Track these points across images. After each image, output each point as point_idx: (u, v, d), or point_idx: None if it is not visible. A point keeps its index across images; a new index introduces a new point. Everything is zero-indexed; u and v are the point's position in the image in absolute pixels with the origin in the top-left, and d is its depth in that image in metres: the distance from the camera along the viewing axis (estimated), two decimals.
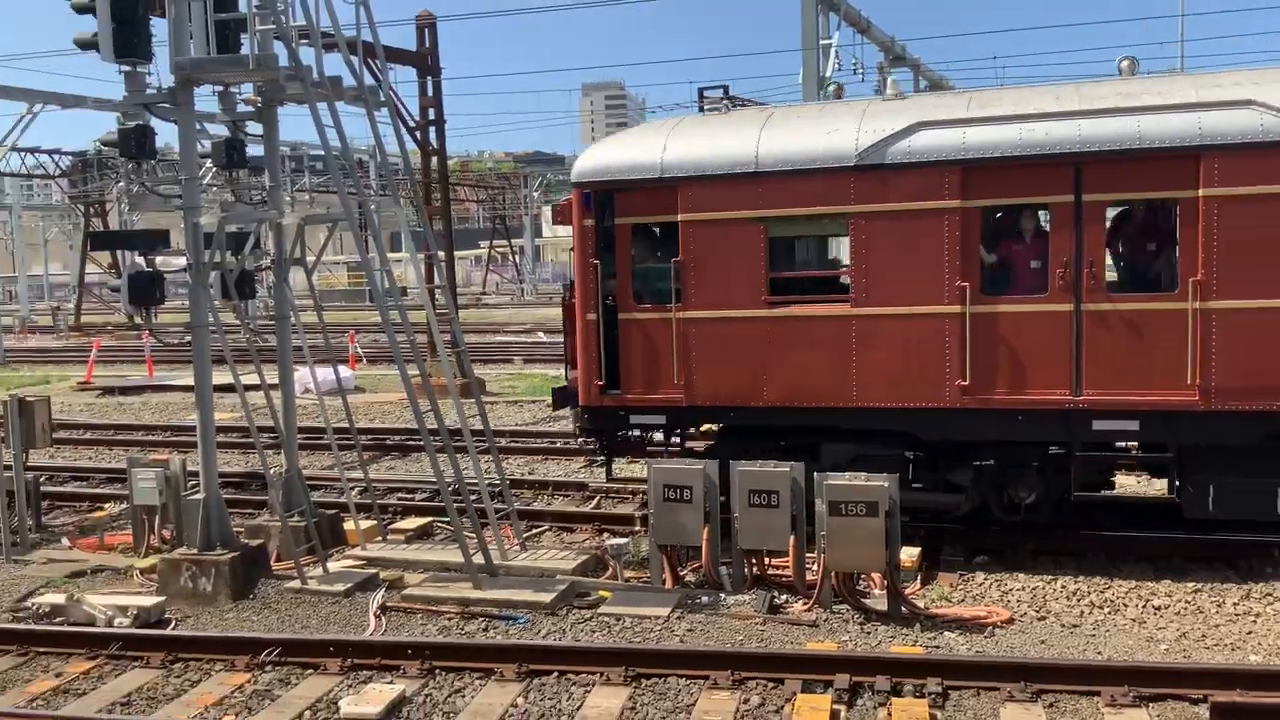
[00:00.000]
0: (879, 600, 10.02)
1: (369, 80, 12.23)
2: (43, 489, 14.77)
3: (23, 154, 49.11)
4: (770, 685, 8.26)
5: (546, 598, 10.32)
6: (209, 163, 12.24)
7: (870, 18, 29.89)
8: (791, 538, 10.23)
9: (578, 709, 8.07)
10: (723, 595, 10.41)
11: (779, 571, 10.82)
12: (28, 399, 13.92)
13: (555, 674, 8.61)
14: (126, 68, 10.93)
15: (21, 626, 10.11)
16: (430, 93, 25.23)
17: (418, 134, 25.34)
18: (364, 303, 63.72)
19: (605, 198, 12.17)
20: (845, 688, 8.05)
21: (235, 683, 8.77)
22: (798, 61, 26.29)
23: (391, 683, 8.51)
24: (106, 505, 15.26)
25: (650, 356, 12.11)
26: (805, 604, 10.08)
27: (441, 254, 22.60)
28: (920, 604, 10.10)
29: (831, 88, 13.35)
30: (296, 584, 11.05)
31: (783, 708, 7.95)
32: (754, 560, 10.71)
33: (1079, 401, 10.89)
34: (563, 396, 13.14)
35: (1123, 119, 10.74)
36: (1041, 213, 11.31)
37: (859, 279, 11.41)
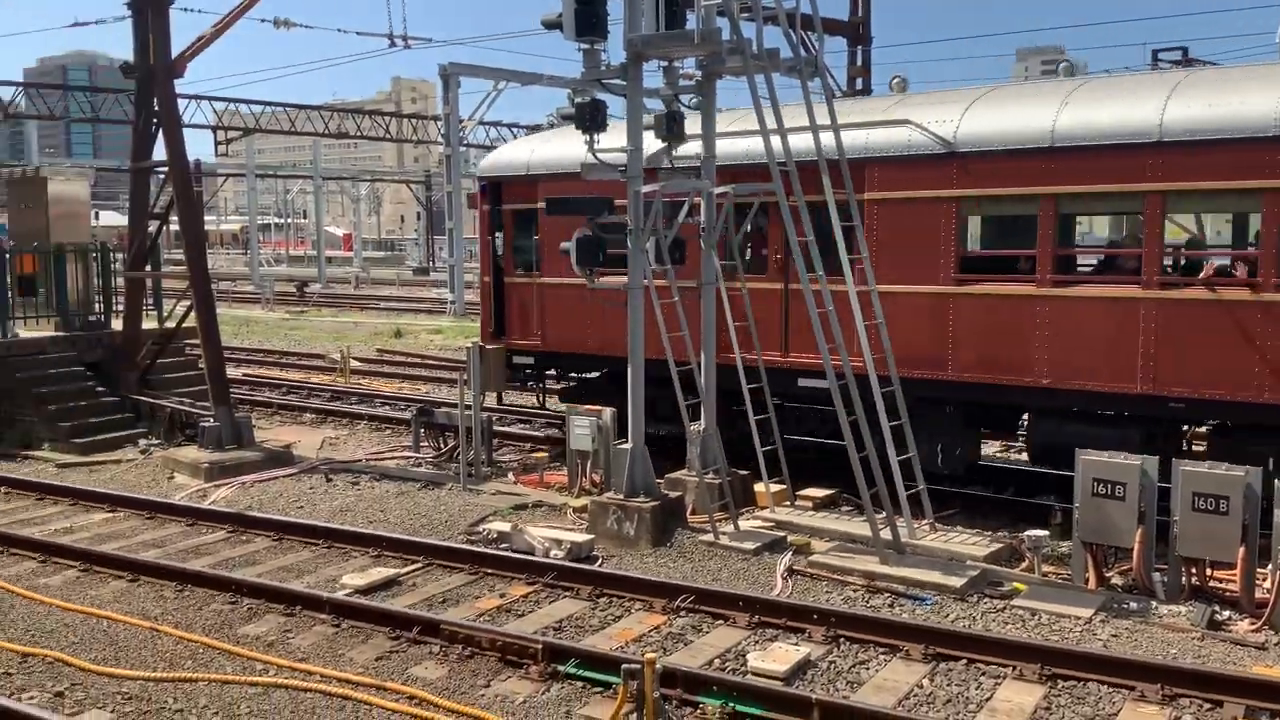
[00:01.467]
0: None
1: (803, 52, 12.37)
2: (494, 428, 16.49)
3: (487, 127, 54.84)
4: (1206, 707, 7.52)
5: (956, 582, 10.04)
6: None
7: None
8: (1241, 549, 9.20)
9: (987, 699, 7.80)
10: (1154, 603, 9.58)
11: (1222, 584, 9.78)
12: (486, 347, 15.55)
13: (964, 661, 8.37)
14: (585, 45, 11.80)
15: (475, 549, 11.39)
16: (859, 62, 25.07)
17: None
18: None
19: (496, 189, 16.07)
20: None
21: (652, 623, 9.34)
22: (1276, 18, 23.25)
23: (797, 645, 8.67)
24: (545, 447, 16.77)
25: (523, 311, 15.86)
26: (1253, 624, 9.05)
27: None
28: None
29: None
30: (709, 537, 11.55)
31: None
32: (1193, 569, 9.75)
33: (787, 362, 13.40)
34: None
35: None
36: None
37: None
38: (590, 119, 12.02)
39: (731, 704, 7.61)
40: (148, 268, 18.64)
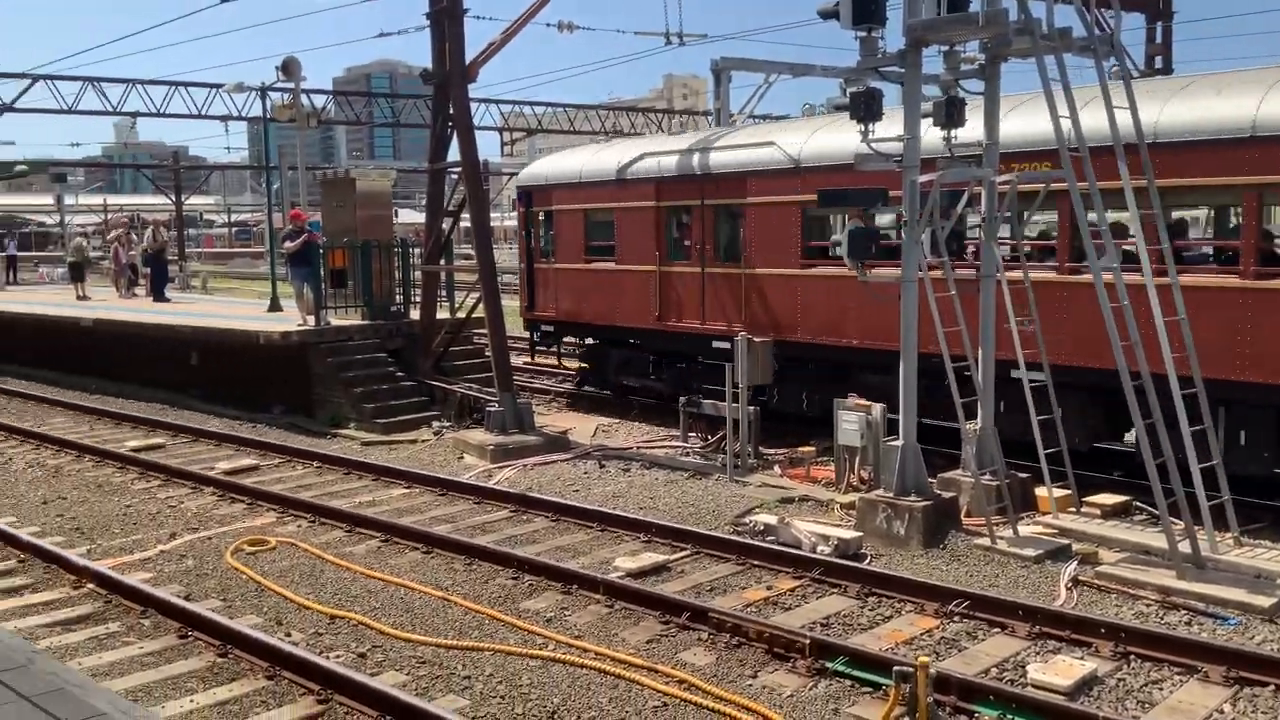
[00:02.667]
0: None
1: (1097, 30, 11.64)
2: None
3: (755, 120, 54.96)
4: None
5: (1264, 601, 9.20)
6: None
7: None
8: None
9: None
10: None
11: None
12: (753, 339, 15.59)
13: (1271, 688, 7.67)
14: (862, 33, 11.60)
15: (742, 539, 11.47)
16: (1159, 39, 23.33)
17: None
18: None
19: (529, 195, 20.83)
20: None
21: (924, 626, 9.10)
22: None
23: (1081, 659, 8.21)
24: (813, 441, 16.64)
25: (546, 289, 20.27)
26: None
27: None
28: None
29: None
30: (985, 542, 11.11)
31: None
32: None
33: (704, 328, 17.16)
34: None
35: (718, 153, 17.02)
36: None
37: (618, 247, 18.74)
38: (866, 108, 11.81)
39: (1009, 716, 7.31)
40: (442, 262, 19.95)
